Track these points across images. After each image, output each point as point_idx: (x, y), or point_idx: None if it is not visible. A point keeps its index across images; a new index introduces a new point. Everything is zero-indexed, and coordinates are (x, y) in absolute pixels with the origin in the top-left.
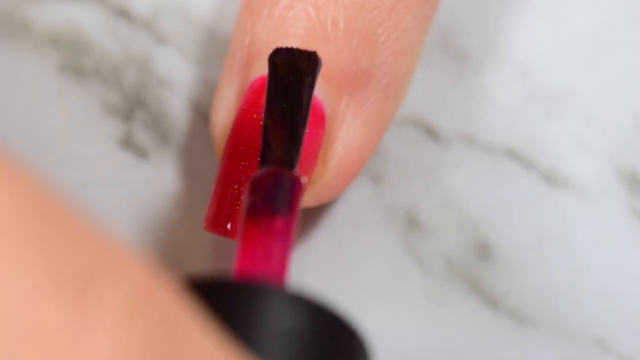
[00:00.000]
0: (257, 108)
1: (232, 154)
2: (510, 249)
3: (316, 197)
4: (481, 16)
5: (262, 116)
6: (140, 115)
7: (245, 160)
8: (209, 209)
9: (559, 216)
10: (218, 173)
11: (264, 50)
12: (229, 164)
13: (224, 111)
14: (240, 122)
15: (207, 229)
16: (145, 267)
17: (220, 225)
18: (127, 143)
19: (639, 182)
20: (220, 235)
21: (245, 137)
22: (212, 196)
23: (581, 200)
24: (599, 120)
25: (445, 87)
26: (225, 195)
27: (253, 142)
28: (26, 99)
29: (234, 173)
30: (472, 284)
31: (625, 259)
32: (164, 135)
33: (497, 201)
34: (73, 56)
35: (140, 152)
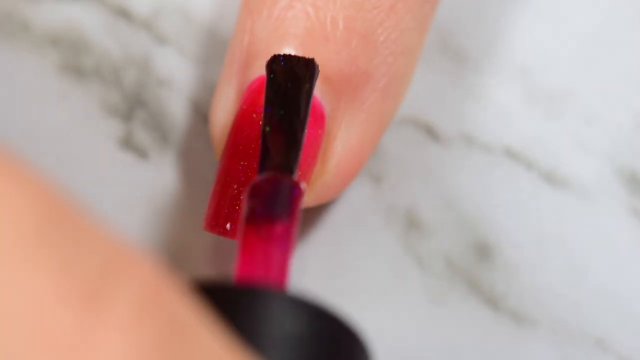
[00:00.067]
0: (256, 108)
1: (232, 153)
2: (510, 249)
3: (316, 197)
4: (480, 16)
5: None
6: (140, 115)
7: (245, 160)
8: (208, 209)
9: (559, 216)
10: (217, 173)
11: (263, 50)
12: (228, 164)
13: (223, 111)
14: (239, 122)
15: (207, 228)
16: (153, 269)
17: (219, 225)
18: (127, 143)
19: (639, 182)
20: (220, 235)
21: (245, 137)
22: (212, 196)
23: (581, 200)
24: (599, 120)
25: (444, 88)
26: (224, 195)
27: (252, 142)
28: (26, 99)
29: (233, 173)
30: (472, 284)
31: (625, 259)
32: (164, 135)
33: (497, 201)
34: (73, 56)
35: (140, 152)
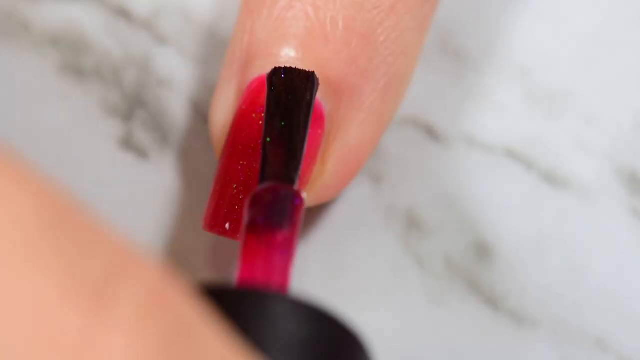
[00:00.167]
0: (256, 108)
1: (231, 153)
2: (510, 249)
3: (315, 197)
4: (480, 17)
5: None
6: (140, 115)
7: (244, 160)
8: (207, 209)
9: (559, 216)
10: (217, 172)
11: (263, 50)
12: (228, 164)
13: (222, 111)
14: (238, 122)
15: (206, 228)
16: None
17: (218, 225)
18: (127, 143)
19: (639, 182)
20: (219, 234)
21: (244, 137)
22: (211, 195)
23: (581, 200)
24: (599, 120)
25: (444, 88)
26: (223, 195)
27: (252, 142)
28: (26, 99)
29: (233, 172)
30: (472, 284)
31: (625, 259)
32: (164, 135)
33: (497, 201)
34: (73, 56)
35: (140, 152)
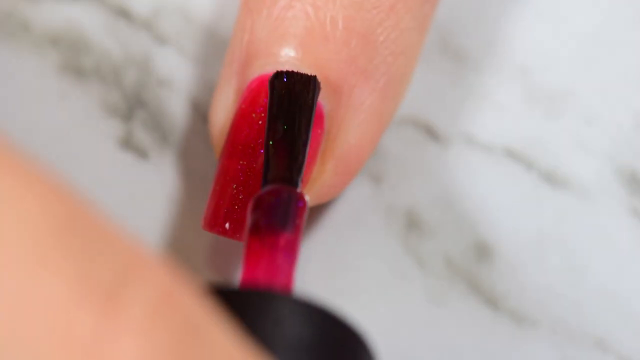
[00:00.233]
0: (256, 107)
1: (231, 152)
2: (510, 249)
3: (315, 196)
4: (480, 16)
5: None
6: (140, 115)
7: (244, 160)
8: (207, 208)
9: (559, 216)
10: (216, 172)
11: (262, 49)
12: (228, 163)
13: (222, 110)
14: (238, 121)
15: (206, 228)
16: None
17: (218, 225)
18: (127, 143)
19: (639, 182)
20: (219, 234)
21: (244, 136)
22: (211, 195)
23: (581, 200)
24: (599, 120)
25: (444, 88)
26: (223, 195)
27: (251, 141)
28: (26, 99)
29: (233, 172)
30: (472, 284)
31: (625, 259)
32: (164, 135)
33: (497, 201)
34: (73, 56)
35: (140, 152)
